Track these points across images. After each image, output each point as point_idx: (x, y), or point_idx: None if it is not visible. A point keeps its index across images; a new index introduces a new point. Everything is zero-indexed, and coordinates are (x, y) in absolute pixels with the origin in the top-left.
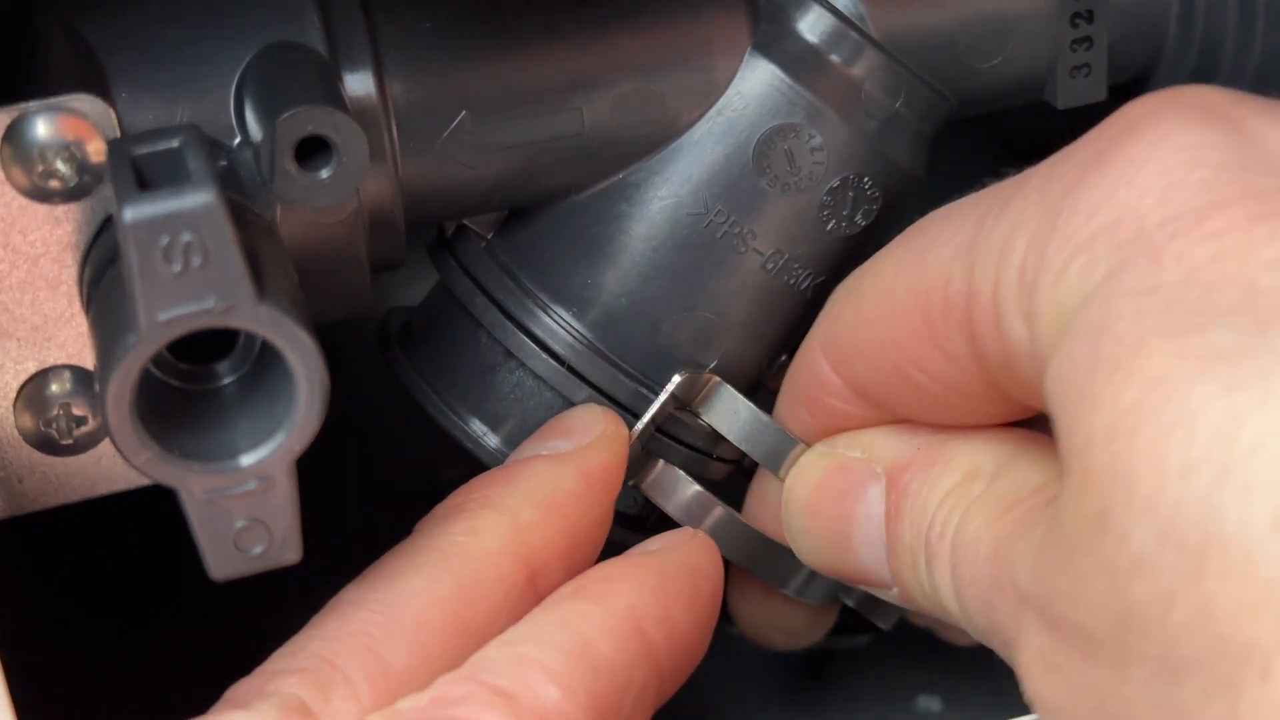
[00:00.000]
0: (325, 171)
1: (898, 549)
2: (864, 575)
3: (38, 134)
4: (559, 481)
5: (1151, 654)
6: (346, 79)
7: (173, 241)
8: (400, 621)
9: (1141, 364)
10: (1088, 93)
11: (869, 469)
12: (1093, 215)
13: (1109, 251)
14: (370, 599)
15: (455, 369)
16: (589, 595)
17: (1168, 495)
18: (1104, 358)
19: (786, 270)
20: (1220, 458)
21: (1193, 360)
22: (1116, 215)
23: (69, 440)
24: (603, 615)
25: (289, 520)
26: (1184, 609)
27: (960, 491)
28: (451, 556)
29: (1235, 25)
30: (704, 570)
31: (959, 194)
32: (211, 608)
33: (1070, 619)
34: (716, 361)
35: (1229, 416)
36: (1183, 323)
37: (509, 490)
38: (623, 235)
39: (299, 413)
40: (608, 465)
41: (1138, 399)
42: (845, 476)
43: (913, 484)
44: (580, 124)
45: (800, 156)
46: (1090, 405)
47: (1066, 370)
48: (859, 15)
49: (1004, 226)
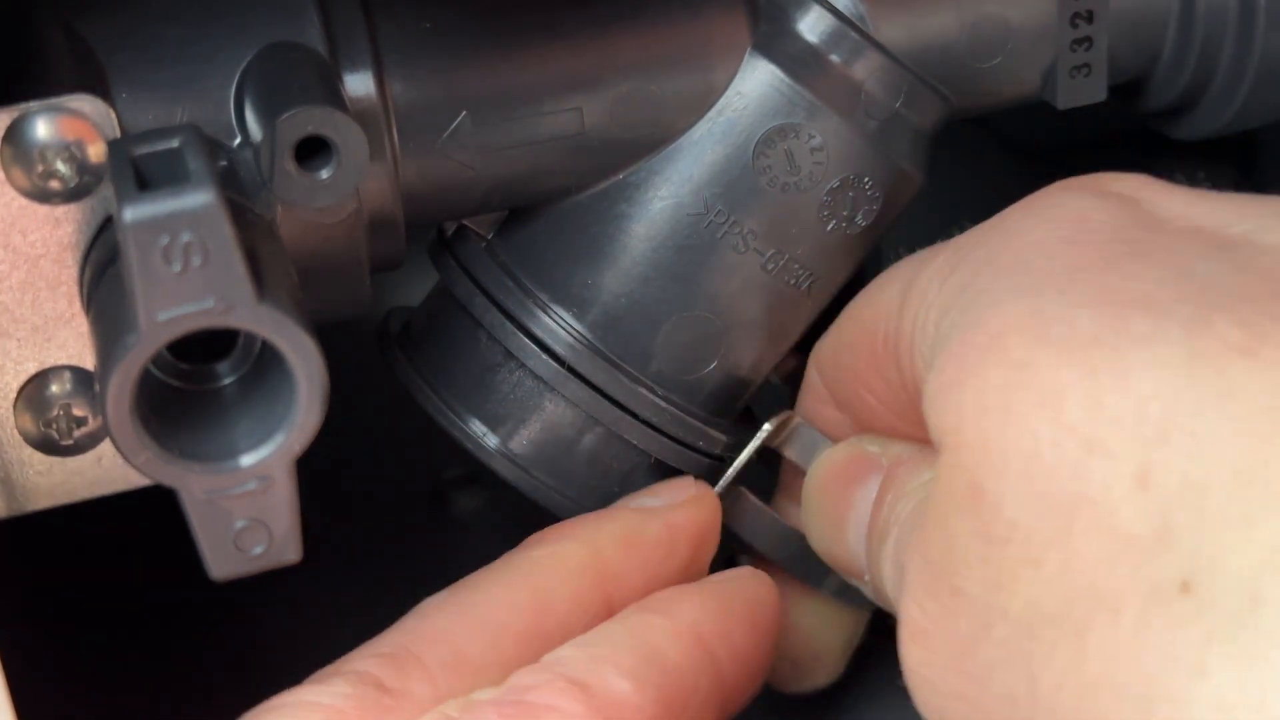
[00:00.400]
0: (325, 171)
1: (873, 537)
2: (849, 563)
3: (38, 134)
4: (642, 526)
5: (1014, 610)
6: (346, 79)
7: (173, 241)
8: (479, 621)
9: (1006, 349)
10: (1088, 93)
11: (877, 461)
12: (983, 255)
13: (986, 275)
14: (451, 602)
15: (455, 369)
16: (655, 609)
17: (1041, 463)
18: (969, 346)
19: (786, 270)
20: (1086, 431)
21: (1055, 346)
22: (997, 249)
23: (69, 441)
24: (670, 625)
25: (289, 520)
26: (1050, 566)
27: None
28: (532, 572)
29: (1235, 25)
30: (763, 600)
31: (959, 194)
32: (212, 608)
33: (945, 584)
34: (716, 362)
35: (1092, 395)
36: (1044, 314)
37: (593, 527)
38: (623, 235)
39: (299, 413)
40: (695, 521)
41: (1004, 380)
42: (857, 465)
43: (899, 478)
44: (580, 124)
45: (800, 156)
46: (958, 388)
47: (937, 366)
48: (859, 15)
49: (925, 275)
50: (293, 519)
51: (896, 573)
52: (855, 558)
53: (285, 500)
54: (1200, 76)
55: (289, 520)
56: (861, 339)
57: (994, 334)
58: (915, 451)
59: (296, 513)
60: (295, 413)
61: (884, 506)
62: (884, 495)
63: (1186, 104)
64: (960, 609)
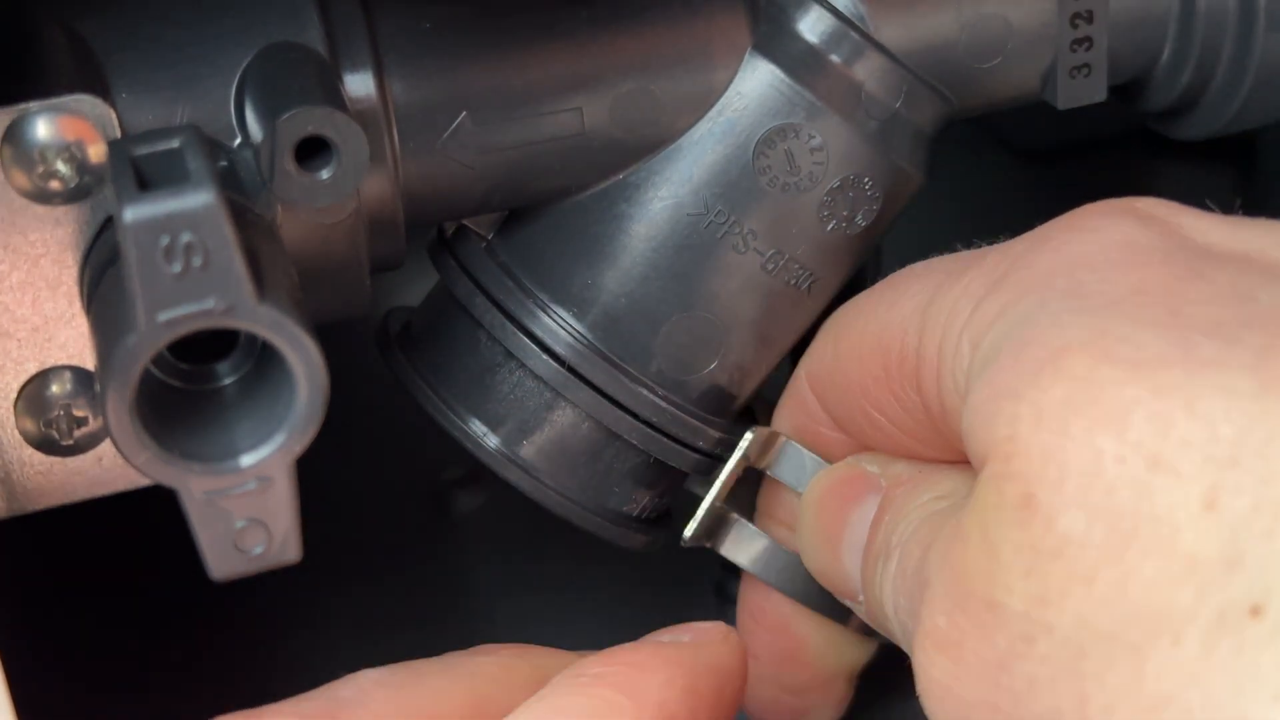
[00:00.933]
0: (325, 171)
1: (870, 558)
2: (843, 583)
3: (38, 135)
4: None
5: (1061, 626)
6: (346, 79)
7: (173, 242)
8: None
9: (1069, 365)
10: (1088, 93)
11: (875, 481)
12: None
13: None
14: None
15: (455, 369)
16: (621, 686)
17: (1101, 479)
18: (1026, 360)
19: (786, 270)
20: (1152, 449)
21: (1121, 364)
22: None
23: (69, 441)
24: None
25: (289, 520)
26: (1104, 583)
27: (927, 507)
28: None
29: (1235, 25)
30: (731, 672)
31: (959, 194)
32: (212, 608)
33: (981, 596)
34: (717, 362)
35: (1160, 414)
36: (1108, 333)
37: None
38: (623, 235)
39: (299, 413)
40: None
41: (1067, 393)
42: (853, 484)
43: (898, 498)
44: (580, 124)
45: (800, 157)
46: (1013, 399)
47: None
48: (859, 15)
49: (954, 294)
50: (293, 519)
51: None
52: (850, 578)
53: (285, 500)
54: (1200, 77)
55: (289, 520)
56: (869, 358)
57: (1055, 349)
58: (915, 472)
59: (296, 513)
60: (295, 413)
61: (882, 527)
62: (882, 516)
63: (1186, 104)
64: (998, 622)
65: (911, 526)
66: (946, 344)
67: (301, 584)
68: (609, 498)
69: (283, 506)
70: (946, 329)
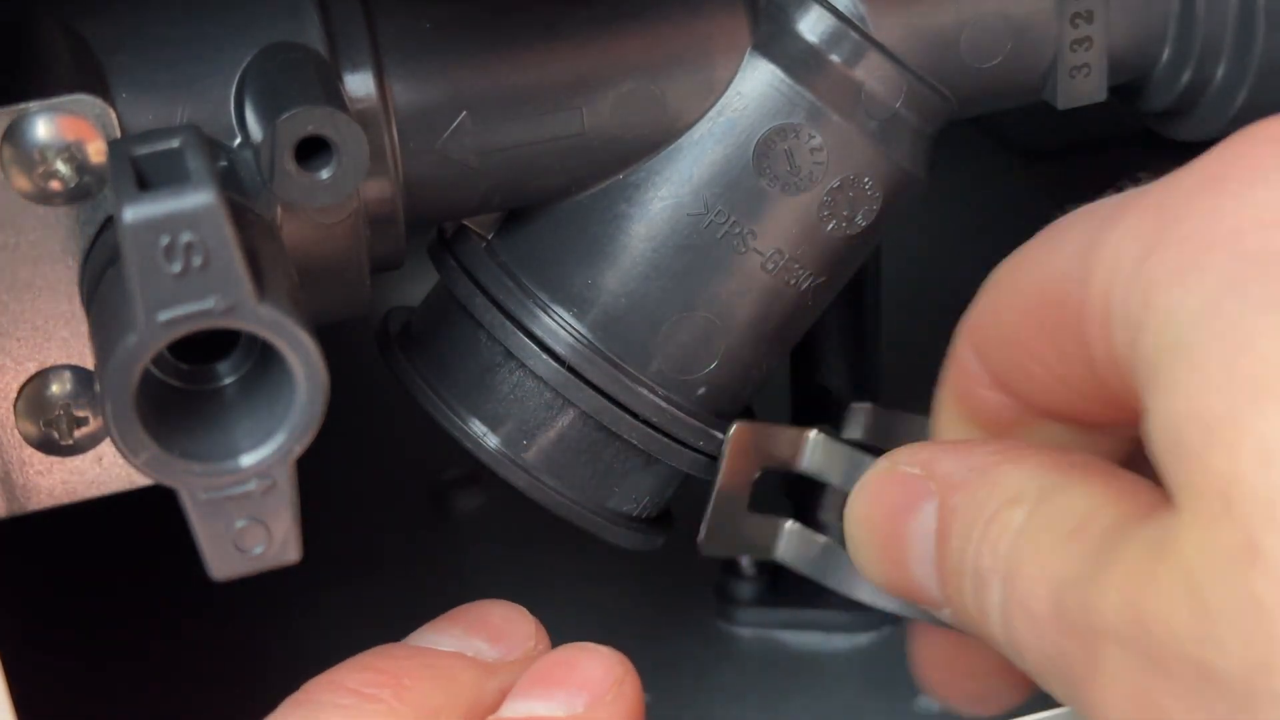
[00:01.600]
0: (325, 171)
1: (947, 571)
2: (919, 593)
3: (38, 135)
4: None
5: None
6: (346, 79)
7: (173, 241)
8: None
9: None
10: (1088, 93)
11: (925, 485)
12: (1209, 228)
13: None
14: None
15: (455, 369)
16: None
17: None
18: (1243, 379)
19: (786, 270)
20: None
21: None
22: (1235, 229)
23: (69, 440)
24: None
25: (289, 520)
26: None
27: (1003, 517)
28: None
29: (1235, 25)
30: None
31: (958, 194)
32: (212, 608)
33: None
34: (717, 361)
35: None
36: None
37: None
38: (623, 235)
39: (299, 413)
40: None
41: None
42: (901, 491)
43: (960, 505)
44: (580, 124)
45: (800, 156)
46: (1232, 429)
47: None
48: (859, 15)
49: (1118, 234)
50: (293, 519)
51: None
52: (924, 589)
53: (285, 500)
54: (1200, 77)
55: (289, 520)
56: (1030, 308)
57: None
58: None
59: (297, 513)
60: (295, 413)
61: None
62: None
63: (1187, 104)
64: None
65: (1001, 549)
66: (1115, 293)
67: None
68: (609, 498)
69: (283, 506)
70: (1113, 275)
